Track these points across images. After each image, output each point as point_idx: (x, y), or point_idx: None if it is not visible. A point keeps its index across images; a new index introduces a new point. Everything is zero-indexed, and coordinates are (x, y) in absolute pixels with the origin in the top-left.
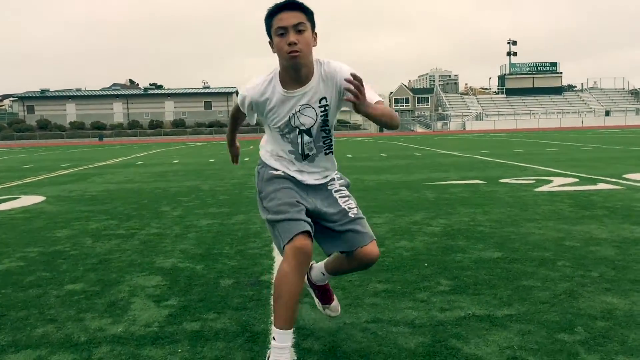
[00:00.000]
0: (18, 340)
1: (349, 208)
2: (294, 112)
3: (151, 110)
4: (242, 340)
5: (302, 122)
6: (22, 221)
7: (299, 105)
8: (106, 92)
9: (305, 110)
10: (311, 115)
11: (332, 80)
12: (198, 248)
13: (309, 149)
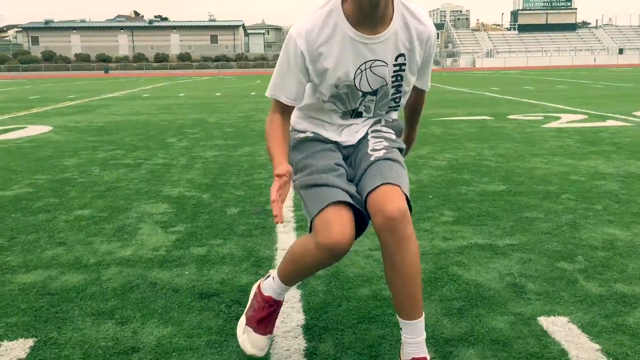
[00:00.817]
0: (28, 261)
1: (372, 150)
2: (362, 68)
3: (157, 43)
4: (247, 264)
5: (369, 83)
6: (30, 150)
7: (370, 59)
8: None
9: (376, 69)
10: (382, 75)
11: (420, 40)
12: (204, 178)
13: (366, 109)
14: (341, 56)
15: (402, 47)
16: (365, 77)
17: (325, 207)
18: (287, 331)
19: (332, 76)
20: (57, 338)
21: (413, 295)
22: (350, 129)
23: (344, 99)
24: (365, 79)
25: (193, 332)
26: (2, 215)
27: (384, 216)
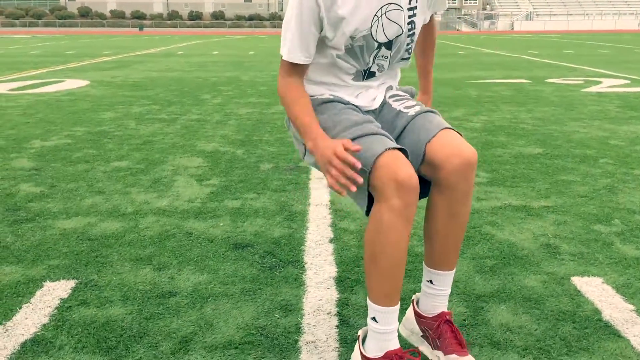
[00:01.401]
0: (69, 209)
1: (406, 107)
2: (379, 14)
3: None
4: (280, 218)
5: (385, 32)
6: (68, 103)
7: (385, 3)
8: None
9: (392, 14)
10: (399, 21)
11: None
12: (238, 134)
13: (379, 67)
14: (358, 1)
15: None
16: (382, 25)
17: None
18: (319, 282)
19: (349, 25)
20: (97, 280)
21: (458, 245)
22: (367, 94)
23: (358, 55)
24: (382, 27)
25: (228, 280)
26: (43, 164)
27: (462, 159)
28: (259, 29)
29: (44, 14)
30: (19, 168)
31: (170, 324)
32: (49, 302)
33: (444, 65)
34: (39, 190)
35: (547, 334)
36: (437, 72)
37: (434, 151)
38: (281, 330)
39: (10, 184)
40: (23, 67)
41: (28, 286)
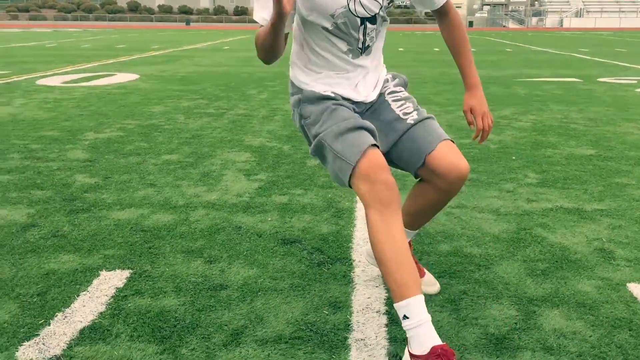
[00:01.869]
0: (122, 200)
1: (404, 114)
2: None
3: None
4: (328, 214)
5: (364, 6)
6: (119, 96)
7: None
8: None
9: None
10: (373, 9)
11: None
12: (284, 130)
13: (370, 39)
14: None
15: None
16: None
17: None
18: (367, 280)
19: (326, 3)
20: (150, 271)
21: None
22: (366, 83)
23: (345, 31)
24: (360, 2)
25: (277, 275)
26: (97, 156)
27: (459, 172)
28: None
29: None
30: (74, 159)
31: (222, 317)
32: (105, 291)
33: (490, 62)
34: (93, 181)
35: (602, 341)
36: (484, 70)
37: (434, 164)
38: (330, 327)
39: (66, 175)
40: (76, 61)
41: (85, 274)
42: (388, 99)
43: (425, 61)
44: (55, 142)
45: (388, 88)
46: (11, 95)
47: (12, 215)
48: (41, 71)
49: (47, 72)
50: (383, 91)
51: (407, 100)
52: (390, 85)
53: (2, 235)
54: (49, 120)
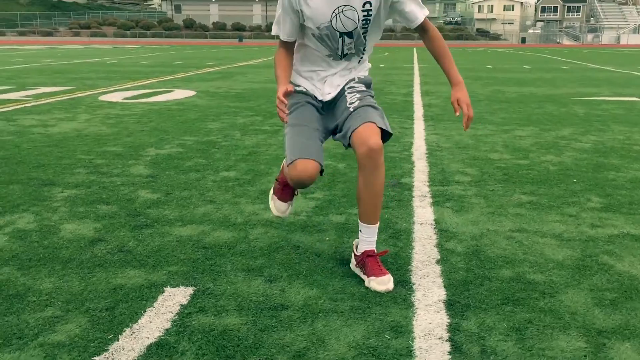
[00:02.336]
0: (184, 216)
1: (349, 103)
2: (336, 11)
3: None
4: (385, 235)
5: (343, 23)
6: (178, 112)
7: (342, 4)
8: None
9: (347, 12)
10: (353, 17)
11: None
12: (338, 148)
13: (349, 49)
14: (320, 2)
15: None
16: (340, 20)
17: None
18: (429, 305)
19: (313, 18)
20: (213, 289)
21: (377, 206)
22: (332, 82)
23: (326, 40)
24: (340, 21)
25: (337, 297)
26: (159, 172)
27: (367, 148)
28: None
29: (152, 25)
30: (136, 174)
31: (284, 337)
32: (170, 308)
33: (546, 80)
34: (155, 197)
35: None
36: (540, 88)
37: (353, 138)
38: (392, 352)
39: (129, 190)
40: (135, 77)
41: (151, 290)
42: (346, 92)
43: (478, 78)
44: (119, 158)
45: (350, 84)
46: (75, 111)
47: (80, 230)
48: (103, 87)
49: (109, 88)
50: (345, 87)
51: (358, 93)
52: (352, 83)
53: (72, 249)
54: (112, 135)
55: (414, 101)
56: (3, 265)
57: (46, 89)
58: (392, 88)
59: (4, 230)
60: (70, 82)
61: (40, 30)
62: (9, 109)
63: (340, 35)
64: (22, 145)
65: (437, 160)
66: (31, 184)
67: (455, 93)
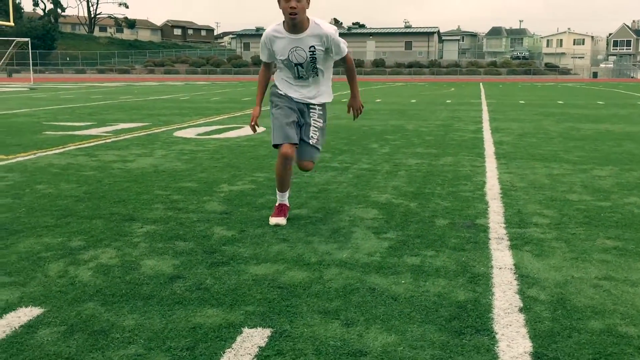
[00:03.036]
0: (258, 254)
1: (309, 137)
2: (290, 51)
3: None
4: (463, 280)
5: (296, 58)
6: (249, 148)
7: (292, 48)
8: None
9: (298, 51)
10: (302, 55)
11: (320, 39)
12: (410, 186)
13: (302, 74)
14: (281, 44)
15: (313, 42)
16: (294, 55)
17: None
18: (514, 357)
19: (277, 54)
20: (290, 331)
21: None
22: (303, 90)
23: (288, 67)
24: (294, 56)
25: (416, 344)
26: (232, 208)
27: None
28: (418, 75)
29: (222, 63)
30: (211, 211)
31: None
32: (248, 349)
33: (622, 117)
34: (230, 234)
35: None
36: (616, 125)
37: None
38: None
39: (205, 227)
40: (207, 113)
41: (229, 330)
42: (311, 120)
43: (549, 115)
44: (194, 194)
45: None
46: (152, 147)
47: (159, 266)
48: (177, 123)
49: (182, 124)
50: (311, 112)
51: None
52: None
53: (152, 286)
54: (186, 171)
55: (484, 138)
56: (88, 301)
57: (124, 125)
58: (461, 124)
59: (88, 265)
60: (147, 119)
61: (117, 68)
62: (91, 145)
63: (295, 65)
64: (103, 180)
65: (513, 201)
66: (113, 219)
67: (351, 102)
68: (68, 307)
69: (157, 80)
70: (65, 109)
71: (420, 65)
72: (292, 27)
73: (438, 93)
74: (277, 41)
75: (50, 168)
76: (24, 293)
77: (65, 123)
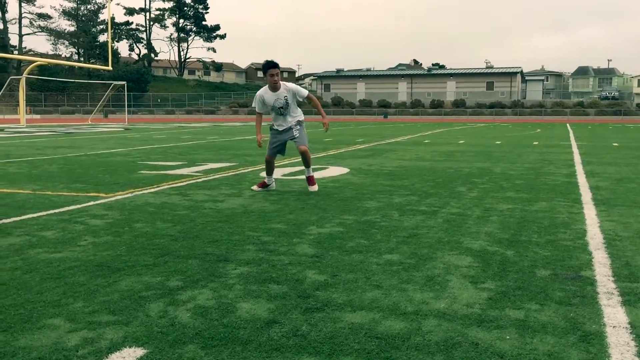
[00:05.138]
0: (352, 301)
1: (293, 135)
2: (274, 101)
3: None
4: (574, 338)
5: (278, 104)
6: (334, 190)
7: (275, 99)
8: (392, 72)
9: (278, 101)
10: (281, 103)
11: (290, 92)
12: (504, 233)
13: (282, 112)
14: (268, 99)
15: (285, 93)
16: (276, 104)
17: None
18: None
19: (267, 104)
20: None
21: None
22: (285, 122)
23: (274, 111)
24: (277, 103)
25: None
26: (323, 251)
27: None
28: (499, 116)
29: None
30: (302, 254)
31: None
32: None
33: None
34: (322, 278)
35: None
36: None
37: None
38: None
39: (297, 270)
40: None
41: None
42: (293, 129)
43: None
44: (284, 235)
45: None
46: (240, 187)
47: (255, 310)
48: (264, 164)
49: None
50: (293, 125)
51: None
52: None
53: (249, 330)
54: (275, 212)
55: (579, 183)
56: (188, 343)
57: (213, 165)
58: (552, 168)
59: (186, 305)
60: (234, 159)
61: (204, 109)
62: (183, 184)
63: (278, 109)
64: (196, 219)
65: (619, 252)
66: (207, 259)
67: (322, 120)
68: (169, 349)
69: (241, 121)
70: (157, 148)
71: (502, 105)
72: (273, 89)
73: (523, 134)
74: (265, 97)
75: (146, 207)
76: (127, 333)
77: (158, 162)
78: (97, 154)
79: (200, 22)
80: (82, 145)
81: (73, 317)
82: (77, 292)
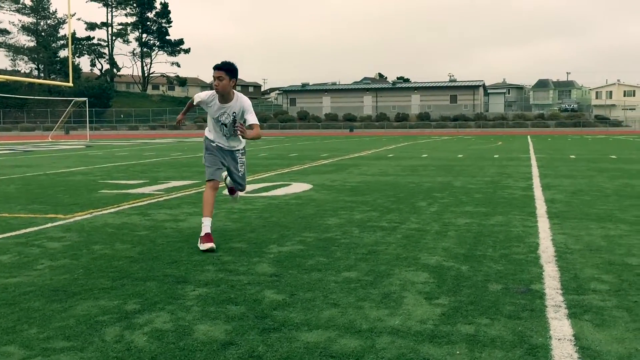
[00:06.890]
0: (309, 320)
1: (237, 170)
2: (219, 114)
3: (398, 103)
4: (521, 351)
5: (223, 120)
6: (296, 207)
7: (221, 112)
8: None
9: (223, 115)
10: (227, 118)
11: (240, 107)
12: (460, 248)
13: (227, 131)
14: (214, 109)
15: (235, 108)
16: (220, 117)
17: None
18: None
19: (210, 113)
20: None
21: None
22: (229, 141)
23: (217, 123)
24: (222, 117)
25: None
26: (282, 270)
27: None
28: (463, 129)
29: (269, 118)
30: (261, 273)
31: None
32: None
33: None
34: (281, 297)
35: None
36: None
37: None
38: None
39: (256, 290)
40: (255, 170)
41: None
42: (238, 160)
43: (603, 170)
44: (244, 255)
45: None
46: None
47: (212, 332)
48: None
49: None
50: (237, 154)
51: (242, 165)
52: (240, 154)
53: (205, 353)
54: (236, 231)
55: (535, 196)
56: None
57: (176, 183)
58: (510, 181)
59: (143, 329)
60: (196, 176)
61: (168, 124)
62: (144, 203)
63: (222, 124)
64: (156, 240)
65: (569, 265)
66: (166, 280)
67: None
68: None
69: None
70: (119, 166)
71: (466, 118)
72: (221, 98)
73: (485, 147)
74: (210, 104)
75: (106, 228)
76: (83, 359)
77: (119, 181)
78: (56, 172)
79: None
80: (41, 164)
81: (27, 343)
82: (32, 317)
